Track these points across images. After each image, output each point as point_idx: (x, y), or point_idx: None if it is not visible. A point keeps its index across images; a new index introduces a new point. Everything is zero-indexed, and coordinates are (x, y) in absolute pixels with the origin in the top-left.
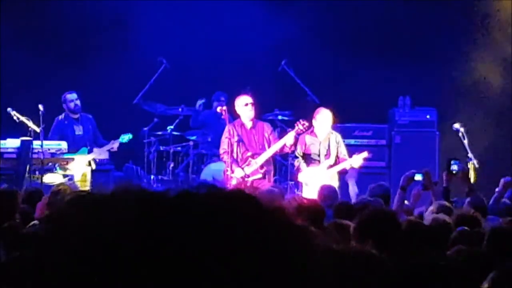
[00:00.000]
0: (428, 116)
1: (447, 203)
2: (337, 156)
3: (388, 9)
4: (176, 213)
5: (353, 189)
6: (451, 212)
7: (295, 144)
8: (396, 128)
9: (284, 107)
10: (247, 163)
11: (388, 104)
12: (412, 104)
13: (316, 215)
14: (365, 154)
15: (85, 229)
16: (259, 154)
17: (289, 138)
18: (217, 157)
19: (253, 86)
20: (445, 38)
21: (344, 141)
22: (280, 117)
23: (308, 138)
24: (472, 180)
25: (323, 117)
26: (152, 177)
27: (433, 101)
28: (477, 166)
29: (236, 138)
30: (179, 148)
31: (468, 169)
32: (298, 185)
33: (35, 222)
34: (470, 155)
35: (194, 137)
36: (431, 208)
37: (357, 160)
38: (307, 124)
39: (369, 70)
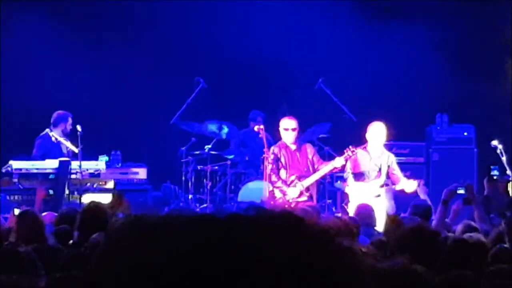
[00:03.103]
0: (466, 133)
1: (473, 224)
2: (387, 176)
3: (424, 26)
4: (228, 236)
5: (390, 205)
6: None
7: (343, 166)
8: (433, 145)
9: (321, 126)
10: (293, 185)
11: (425, 121)
12: (450, 121)
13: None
14: (416, 183)
15: (142, 253)
16: (304, 177)
17: (337, 164)
18: (254, 176)
19: (289, 104)
20: (483, 54)
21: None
22: (321, 136)
23: (359, 153)
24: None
25: (376, 130)
26: (190, 196)
27: (471, 118)
28: None
29: (282, 159)
30: (216, 167)
31: (510, 180)
32: (335, 203)
33: (72, 242)
34: (508, 172)
35: (231, 156)
36: (459, 227)
37: (411, 186)
38: (356, 151)
39: (406, 87)
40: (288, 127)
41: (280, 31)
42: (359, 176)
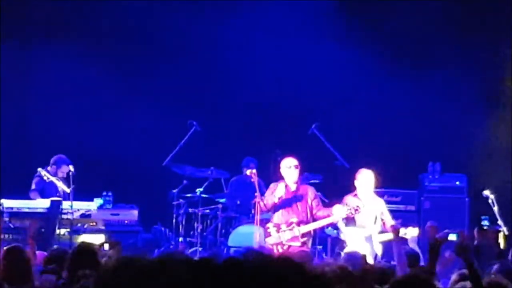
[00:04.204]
0: (458, 182)
1: (466, 272)
2: (383, 224)
3: (417, 75)
4: (225, 282)
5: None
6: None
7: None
8: (425, 193)
9: (313, 171)
10: (290, 227)
11: (417, 169)
12: (442, 170)
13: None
14: (415, 231)
15: None
16: (304, 223)
17: (337, 218)
18: (245, 220)
19: (282, 149)
20: (477, 104)
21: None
22: (311, 181)
23: (351, 199)
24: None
25: (365, 178)
26: (180, 239)
27: (463, 167)
28: (506, 233)
29: (278, 199)
30: (207, 211)
31: (500, 230)
32: (326, 249)
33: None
34: (500, 222)
35: (223, 200)
36: (453, 277)
37: (411, 233)
38: (360, 210)
39: (399, 135)
40: (291, 164)
41: (274, 76)
42: (351, 222)
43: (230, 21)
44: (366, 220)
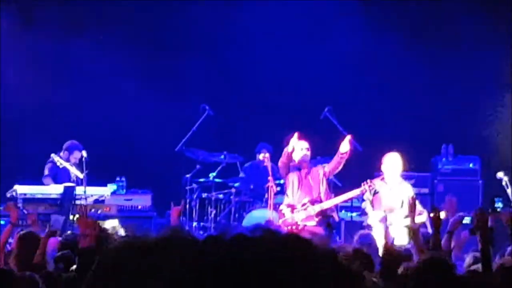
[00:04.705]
0: (471, 165)
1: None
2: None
3: (431, 57)
4: (231, 258)
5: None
6: None
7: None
8: (439, 176)
9: (326, 155)
10: (304, 207)
11: (431, 152)
12: (455, 152)
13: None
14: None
15: (141, 275)
16: (317, 202)
17: (352, 195)
18: (259, 204)
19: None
20: (490, 86)
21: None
22: (324, 164)
23: (378, 183)
24: None
25: (391, 161)
26: (194, 224)
27: (476, 149)
28: None
29: (296, 183)
30: (221, 195)
31: None
32: (339, 233)
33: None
34: None
35: (236, 184)
36: (467, 259)
37: (420, 219)
38: (374, 185)
39: (411, 118)
40: (302, 147)
41: (287, 60)
42: (378, 206)
43: (243, 5)
44: (392, 204)
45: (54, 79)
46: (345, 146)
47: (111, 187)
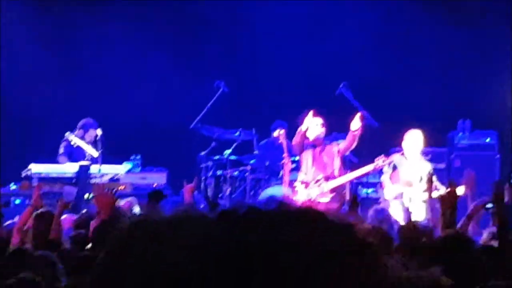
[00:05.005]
0: (488, 139)
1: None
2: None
3: (447, 32)
4: (246, 231)
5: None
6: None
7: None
8: (455, 151)
9: (342, 131)
10: (318, 184)
11: (447, 127)
12: (472, 127)
13: (386, 240)
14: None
15: (155, 254)
16: (331, 178)
17: (365, 171)
18: (274, 182)
19: (310, 109)
20: (507, 60)
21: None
22: (338, 141)
23: (397, 158)
24: None
25: (413, 138)
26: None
27: (493, 124)
28: None
29: (310, 161)
30: (236, 173)
31: None
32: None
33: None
34: None
35: (252, 161)
36: (484, 235)
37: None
38: (388, 160)
39: (428, 93)
40: (317, 122)
41: (302, 36)
42: (397, 181)
43: None
44: (411, 179)
45: (71, 59)
46: (356, 123)
47: (126, 165)
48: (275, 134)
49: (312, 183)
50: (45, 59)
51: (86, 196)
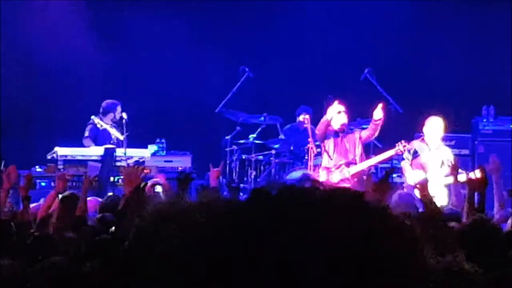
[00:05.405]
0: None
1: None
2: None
3: (473, 17)
4: (282, 210)
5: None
6: None
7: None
8: (479, 137)
9: (366, 117)
10: (339, 169)
11: (471, 113)
12: (496, 113)
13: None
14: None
15: (181, 242)
16: (353, 164)
17: (386, 156)
18: (299, 166)
19: (335, 95)
20: None
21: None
22: (363, 126)
23: (417, 144)
24: None
25: (433, 124)
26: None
27: None
28: None
29: (331, 147)
30: (261, 157)
31: None
32: None
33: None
34: None
35: (276, 146)
36: (510, 221)
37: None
38: (408, 146)
39: (452, 79)
40: (340, 110)
41: (327, 21)
42: (418, 167)
43: None
44: (431, 164)
45: (96, 41)
46: (378, 113)
47: (151, 149)
48: (300, 118)
49: (333, 168)
50: (74, 42)
51: (112, 179)
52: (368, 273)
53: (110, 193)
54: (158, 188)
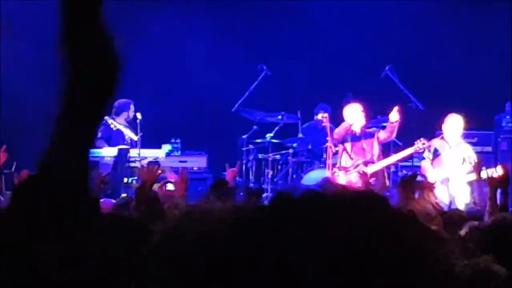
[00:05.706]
0: None
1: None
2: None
3: (494, 12)
4: (305, 215)
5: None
6: None
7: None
8: (502, 134)
9: (387, 114)
10: (357, 169)
11: (495, 110)
12: None
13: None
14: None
15: (205, 246)
16: (371, 163)
17: (405, 155)
18: (317, 165)
19: (354, 92)
20: None
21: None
22: (383, 124)
23: (436, 142)
24: None
25: (453, 122)
26: (250, 185)
27: None
28: None
29: (348, 146)
30: (278, 156)
31: None
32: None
33: None
34: None
35: (294, 145)
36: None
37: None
38: (427, 144)
39: (476, 75)
40: (358, 110)
41: (347, 19)
42: (439, 165)
43: None
44: (453, 162)
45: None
46: (394, 115)
47: (166, 148)
48: (319, 117)
49: (351, 168)
50: None
51: (125, 180)
52: (368, 273)
53: (124, 195)
54: (170, 186)
